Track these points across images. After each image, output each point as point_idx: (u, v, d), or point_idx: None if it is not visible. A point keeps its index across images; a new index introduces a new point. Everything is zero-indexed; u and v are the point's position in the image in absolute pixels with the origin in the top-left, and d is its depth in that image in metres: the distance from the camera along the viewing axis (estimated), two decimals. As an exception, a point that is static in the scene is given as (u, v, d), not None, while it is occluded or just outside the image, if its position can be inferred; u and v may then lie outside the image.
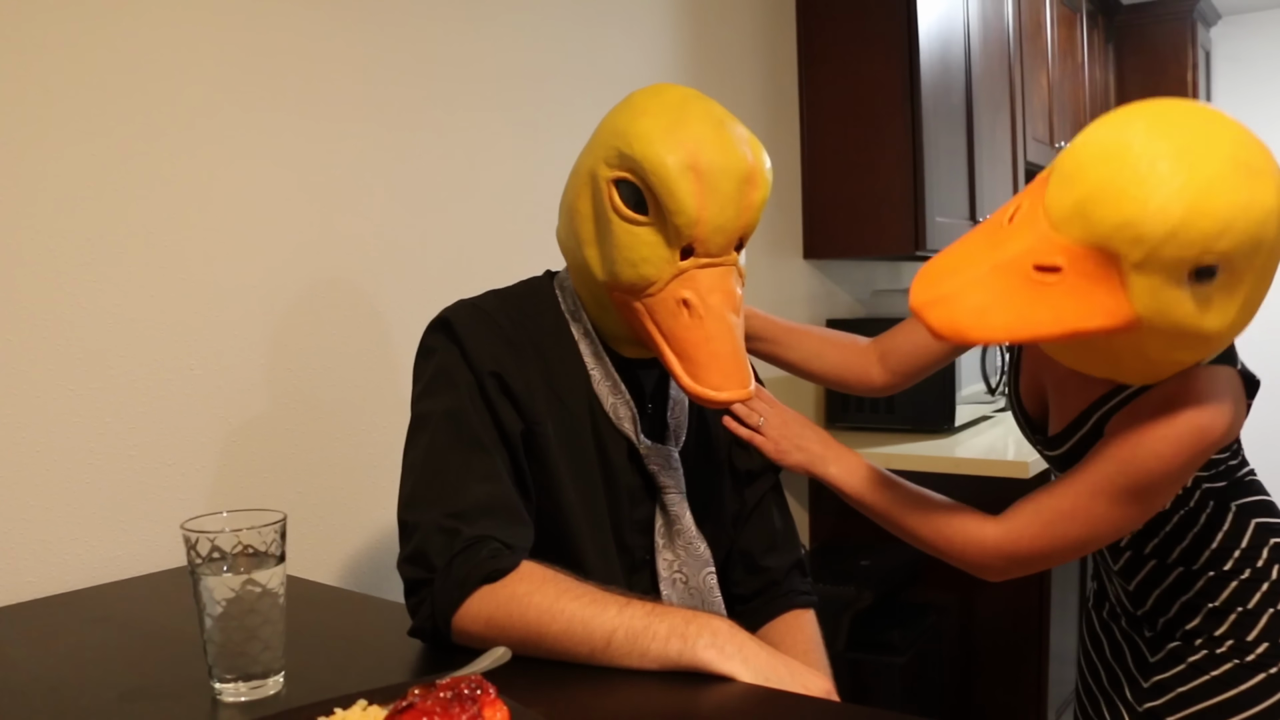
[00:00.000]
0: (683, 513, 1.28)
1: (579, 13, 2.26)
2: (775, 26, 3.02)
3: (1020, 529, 1.28)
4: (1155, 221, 1.02)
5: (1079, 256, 1.06)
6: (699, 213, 1.13)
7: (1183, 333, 1.09)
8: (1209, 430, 1.17)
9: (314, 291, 1.70)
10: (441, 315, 1.24)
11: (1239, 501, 1.34)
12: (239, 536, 0.95)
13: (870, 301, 3.46)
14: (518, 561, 1.07)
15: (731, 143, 1.15)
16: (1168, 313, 1.07)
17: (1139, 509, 1.22)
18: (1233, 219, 1.02)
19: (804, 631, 1.36)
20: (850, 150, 3.05)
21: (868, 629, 2.54)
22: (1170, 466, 1.18)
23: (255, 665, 0.96)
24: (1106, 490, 1.22)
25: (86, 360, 1.41)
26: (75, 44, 1.40)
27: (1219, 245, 1.02)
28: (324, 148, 1.72)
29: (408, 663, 1.09)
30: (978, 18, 3.31)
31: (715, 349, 1.16)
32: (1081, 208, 1.06)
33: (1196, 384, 1.19)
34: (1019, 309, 1.08)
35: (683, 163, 1.12)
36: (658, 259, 1.16)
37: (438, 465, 1.15)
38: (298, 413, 1.69)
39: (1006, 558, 1.29)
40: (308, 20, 1.69)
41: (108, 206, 1.43)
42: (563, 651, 1.01)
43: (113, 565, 1.44)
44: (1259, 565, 1.32)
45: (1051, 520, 1.26)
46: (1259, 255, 1.06)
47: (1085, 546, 1.26)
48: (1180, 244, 1.02)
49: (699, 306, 1.16)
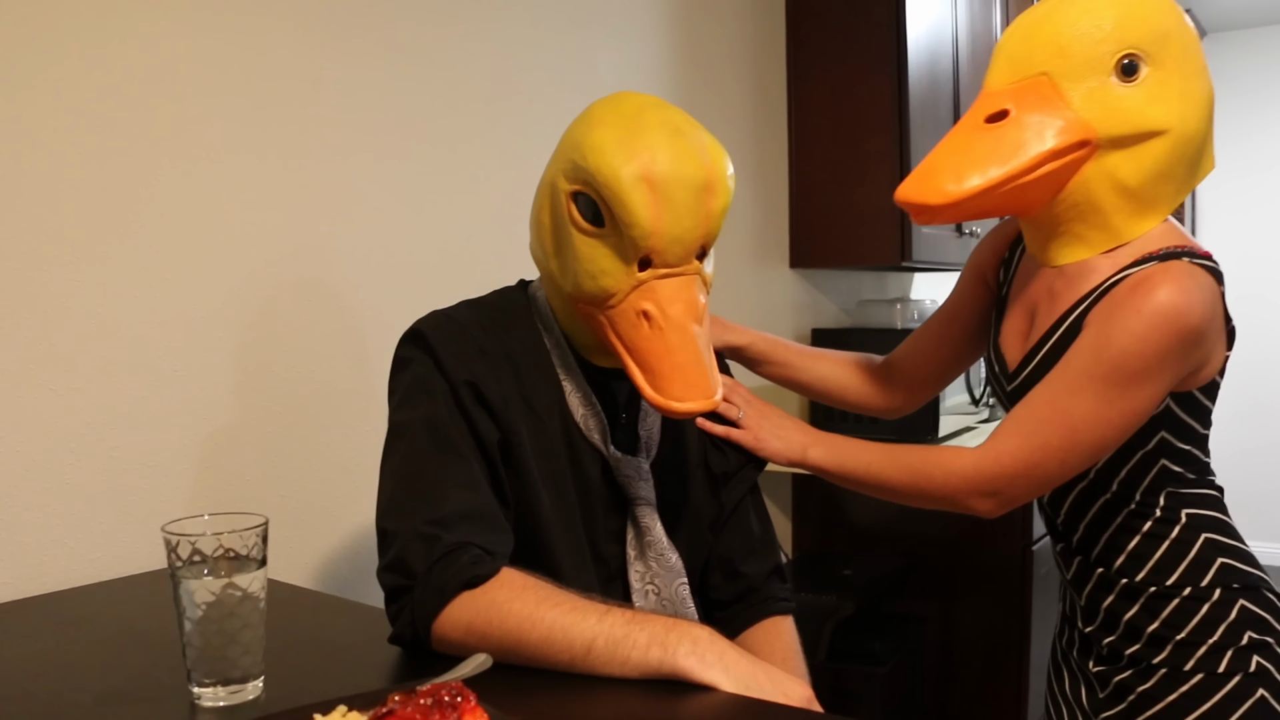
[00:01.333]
0: (653, 524, 1.28)
1: (568, 23, 2.26)
2: (764, 37, 3.03)
3: (999, 447, 1.24)
4: (1068, 29, 1.20)
5: (1019, 93, 1.22)
6: (654, 224, 1.12)
7: (1138, 132, 1.19)
8: (1182, 309, 1.15)
9: (296, 295, 1.70)
10: (414, 327, 1.23)
11: (1191, 511, 1.29)
12: (220, 540, 0.95)
13: (856, 311, 3.47)
14: (498, 568, 1.07)
15: (688, 151, 1.14)
16: (1113, 112, 1.19)
17: (1118, 404, 1.18)
18: (1132, 11, 1.20)
19: (782, 638, 1.35)
20: (838, 160, 3.06)
21: (849, 639, 2.54)
22: (1144, 346, 1.16)
23: (234, 669, 0.96)
24: (1082, 384, 1.19)
25: (67, 361, 1.41)
26: (56, 49, 1.39)
27: (1129, 36, 1.19)
28: (308, 152, 1.71)
29: (388, 668, 1.09)
30: (966, 29, 3.32)
31: (677, 360, 1.14)
32: (1006, 54, 1.24)
33: (1171, 267, 1.18)
34: (986, 156, 1.20)
35: (635, 174, 1.11)
36: (616, 271, 1.15)
37: (415, 473, 1.15)
38: (280, 416, 1.68)
39: (989, 481, 1.24)
40: (293, 28, 1.69)
41: (89, 207, 1.43)
42: (543, 659, 1.01)
43: (92, 567, 1.43)
44: (1202, 584, 1.26)
45: (1031, 430, 1.22)
46: (1171, 45, 1.20)
47: (1072, 455, 1.21)
48: (1094, 41, 1.19)
49: (659, 318, 1.15)
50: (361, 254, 1.80)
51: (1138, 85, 1.20)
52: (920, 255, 2.99)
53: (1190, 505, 1.29)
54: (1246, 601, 1.26)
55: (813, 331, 3.20)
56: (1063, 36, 1.20)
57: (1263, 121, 5.57)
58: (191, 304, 1.55)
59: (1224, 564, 1.27)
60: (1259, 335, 5.59)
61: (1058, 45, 1.20)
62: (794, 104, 3.12)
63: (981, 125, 1.23)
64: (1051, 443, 1.21)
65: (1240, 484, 5.46)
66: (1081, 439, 1.20)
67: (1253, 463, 5.56)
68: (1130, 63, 1.19)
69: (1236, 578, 1.27)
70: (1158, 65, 1.20)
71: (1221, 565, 1.27)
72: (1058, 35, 1.20)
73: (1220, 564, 1.27)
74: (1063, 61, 1.20)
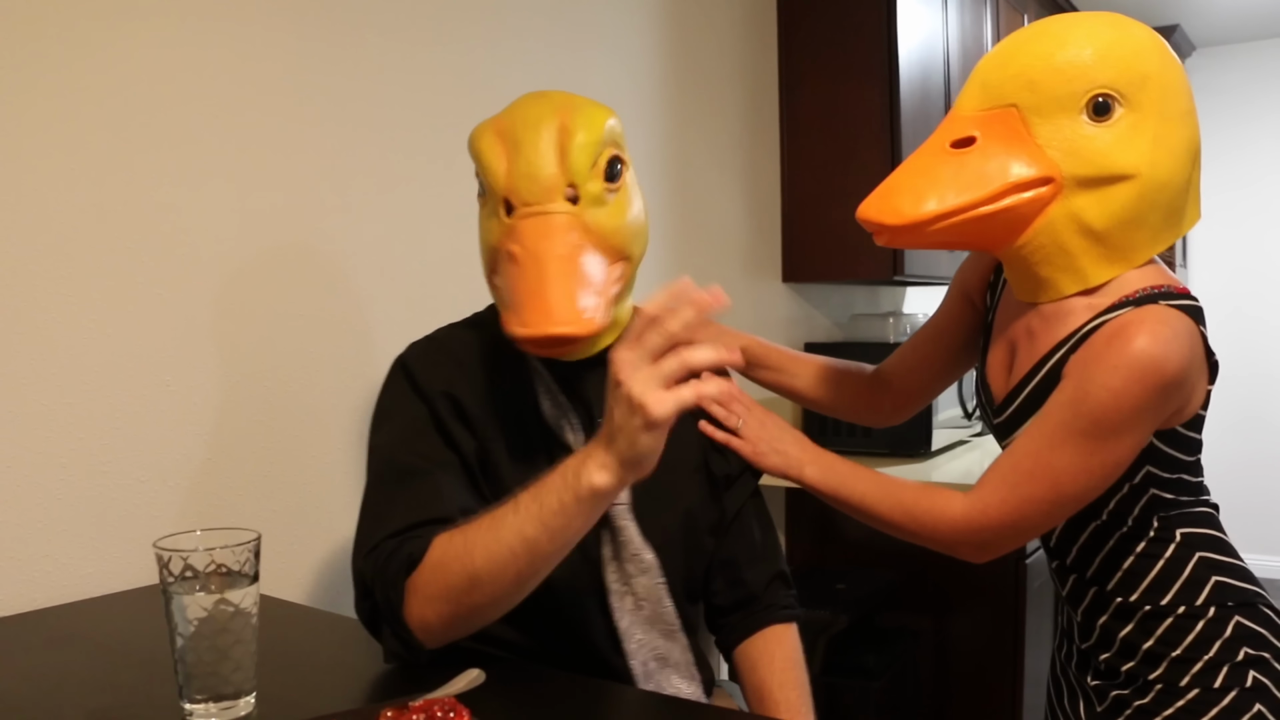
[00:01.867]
0: (626, 524, 1.27)
1: (562, 36, 2.27)
2: (757, 52, 3.04)
3: (985, 500, 1.24)
4: (1040, 63, 1.18)
5: (987, 122, 1.20)
6: (503, 166, 1.18)
7: (1102, 175, 1.17)
8: (1160, 362, 1.13)
9: (289, 309, 1.70)
10: (399, 355, 1.29)
11: (1185, 530, 1.28)
12: (212, 555, 0.95)
13: (848, 325, 3.48)
14: (429, 541, 1.08)
15: (538, 101, 1.22)
16: (1078, 151, 1.17)
17: (1099, 455, 1.18)
18: (1108, 50, 1.17)
19: (783, 647, 1.35)
20: (830, 175, 3.07)
21: (843, 653, 2.54)
22: (1122, 400, 1.14)
23: (227, 686, 0.95)
24: (1062, 438, 1.18)
25: (60, 375, 1.40)
26: (50, 60, 1.39)
27: (1102, 75, 1.16)
28: (301, 166, 1.71)
29: (381, 684, 1.08)
30: (957, 43, 3.34)
31: (529, 288, 1.13)
32: (979, 80, 1.22)
33: (1148, 315, 1.16)
34: (947, 182, 1.19)
35: (491, 132, 1.20)
36: (492, 226, 1.21)
37: (373, 507, 1.19)
38: (272, 430, 1.68)
39: (977, 532, 1.25)
40: (288, 39, 1.69)
41: (84, 221, 1.42)
42: (504, 576, 1.02)
43: (83, 583, 1.43)
44: (1197, 603, 1.25)
45: (1015, 484, 1.22)
46: (1149, 87, 1.18)
47: (1056, 507, 1.22)
48: (1065, 78, 1.16)
49: (519, 253, 1.15)
50: (356, 269, 1.80)
51: (1108, 126, 1.17)
52: (913, 270, 3.00)
53: (1184, 524, 1.29)
54: (1242, 618, 1.26)
55: (805, 345, 3.21)
56: (1035, 70, 1.18)
57: (1251, 135, 5.60)
58: (183, 318, 1.55)
59: (1218, 582, 1.27)
60: (1250, 348, 5.61)
61: (1029, 78, 1.18)
62: (786, 118, 3.13)
63: (947, 149, 1.21)
64: (1036, 495, 1.21)
65: (1233, 497, 5.47)
66: (1065, 491, 1.20)
67: (1245, 476, 5.57)
68: (1103, 102, 1.17)
69: (1231, 595, 1.26)
70: (1133, 107, 1.18)
71: (1216, 584, 1.26)
72: (1030, 68, 1.18)
73: (1215, 582, 1.26)
74: (1033, 96, 1.18)
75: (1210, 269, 5.68)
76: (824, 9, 3.06)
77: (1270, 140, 5.56)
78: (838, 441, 3.13)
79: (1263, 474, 5.56)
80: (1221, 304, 5.66)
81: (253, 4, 1.63)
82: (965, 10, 3.43)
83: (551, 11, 2.24)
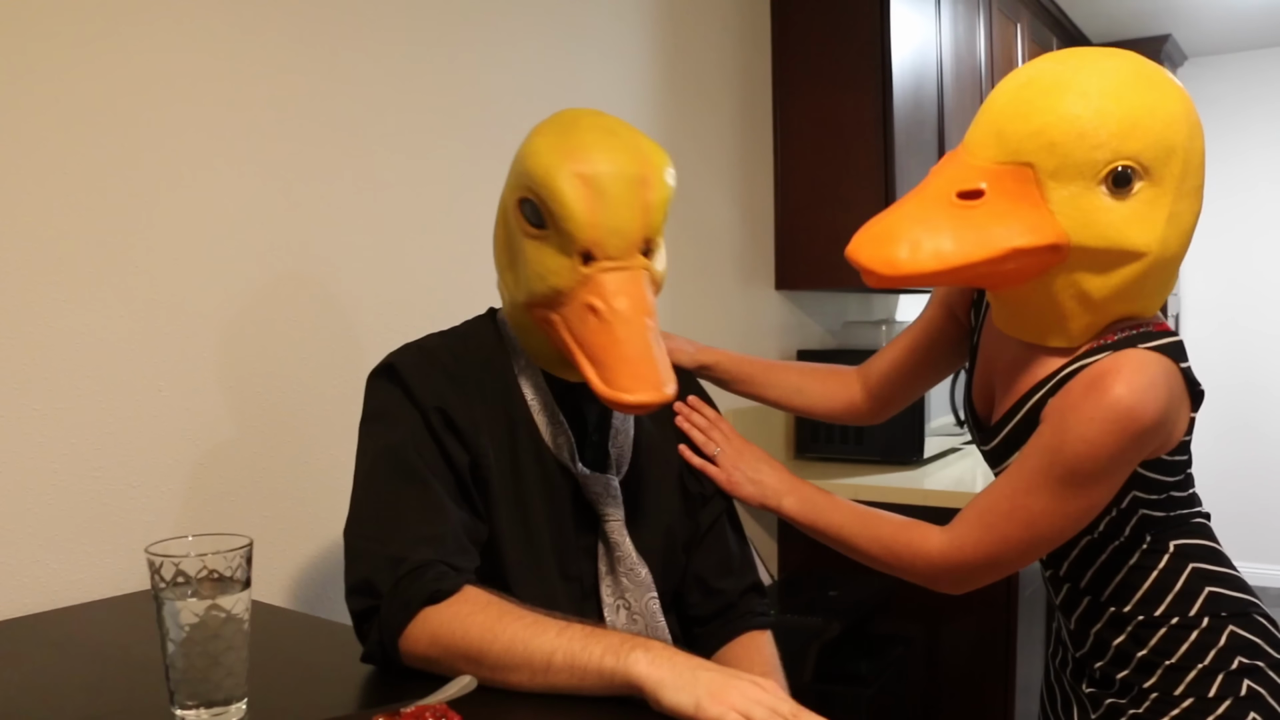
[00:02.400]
0: (622, 540, 1.28)
1: (556, 44, 2.27)
2: (750, 59, 3.05)
3: (962, 538, 1.25)
4: (1064, 125, 1.09)
5: (998, 177, 1.12)
6: (589, 216, 1.15)
7: (1112, 250, 1.12)
8: (1136, 412, 1.12)
9: (283, 315, 1.70)
10: (386, 360, 1.26)
11: (1178, 542, 1.28)
12: (204, 561, 0.94)
13: (841, 333, 3.48)
14: (461, 584, 1.08)
15: (620, 147, 1.18)
16: (1091, 224, 1.11)
17: (1075, 502, 1.18)
18: (1138, 119, 1.09)
19: (761, 653, 1.36)
20: (823, 183, 3.07)
21: (835, 660, 2.54)
22: (1098, 450, 1.13)
23: (218, 692, 0.95)
24: (1039, 484, 1.18)
25: (52, 380, 1.40)
26: (44, 66, 1.39)
27: (1128, 146, 1.09)
28: (296, 171, 1.72)
29: (372, 691, 1.08)
30: (950, 52, 3.35)
31: (624, 352, 1.15)
32: (995, 127, 1.13)
33: (1126, 362, 1.14)
34: (947, 235, 1.12)
35: (569, 170, 1.15)
36: (561, 268, 1.17)
37: (380, 501, 1.17)
38: (266, 436, 1.67)
39: (954, 569, 1.27)
40: (283, 46, 1.69)
41: (76, 226, 1.42)
42: (504, 672, 1.01)
43: (75, 588, 1.42)
44: (1190, 614, 1.25)
45: (992, 524, 1.23)
46: (1174, 162, 1.11)
47: (1032, 547, 1.22)
48: (1089, 145, 1.08)
49: (605, 310, 1.16)
50: (350, 274, 1.80)
51: (1127, 200, 1.11)
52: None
53: (1177, 536, 1.28)
54: (1236, 628, 1.26)
55: (798, 353, 3.21)
56: (1058, 131, 1.09)
57: (1241, 145, 5.63)
58: (176, 323, 1.54)
59: (1212, 592, 1.26)
60: (1241, 357, 5.63)
61: (1050, 139, 1.10)
62: (779, 126, 3.14)
63: (952, 200, 1.14)
64: (1011, 536, 1.22)
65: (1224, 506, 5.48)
66: (1040, 533, 1.21)
67: (1236, 485, 5.58)
68: (1124, 173, 1.10)
69: (1225, 605, 1.26)
70: (1154, 182, 1.11)
71: (1209, 594, 1.26)
72: (1053, 127, 1.10)
73: (1208, 593, 1.26)
74: (1051, 159, 1.10)
75: (1201, 278, 5.70)
76: (817, 17, 3.07)
77: (1261, 150, 5.58)
78: (829, 450, 3.13)
79: (1253, 483, 5.58)
80: (1212, 314, 5.68)
81: (242, 13, 1.63)
82: (958, 19, 3.44)
83: (545, 16, 2.24)
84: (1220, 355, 5.65)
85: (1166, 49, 5.09)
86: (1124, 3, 4.64)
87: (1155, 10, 4.77)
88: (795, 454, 3.20)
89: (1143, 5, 4.69)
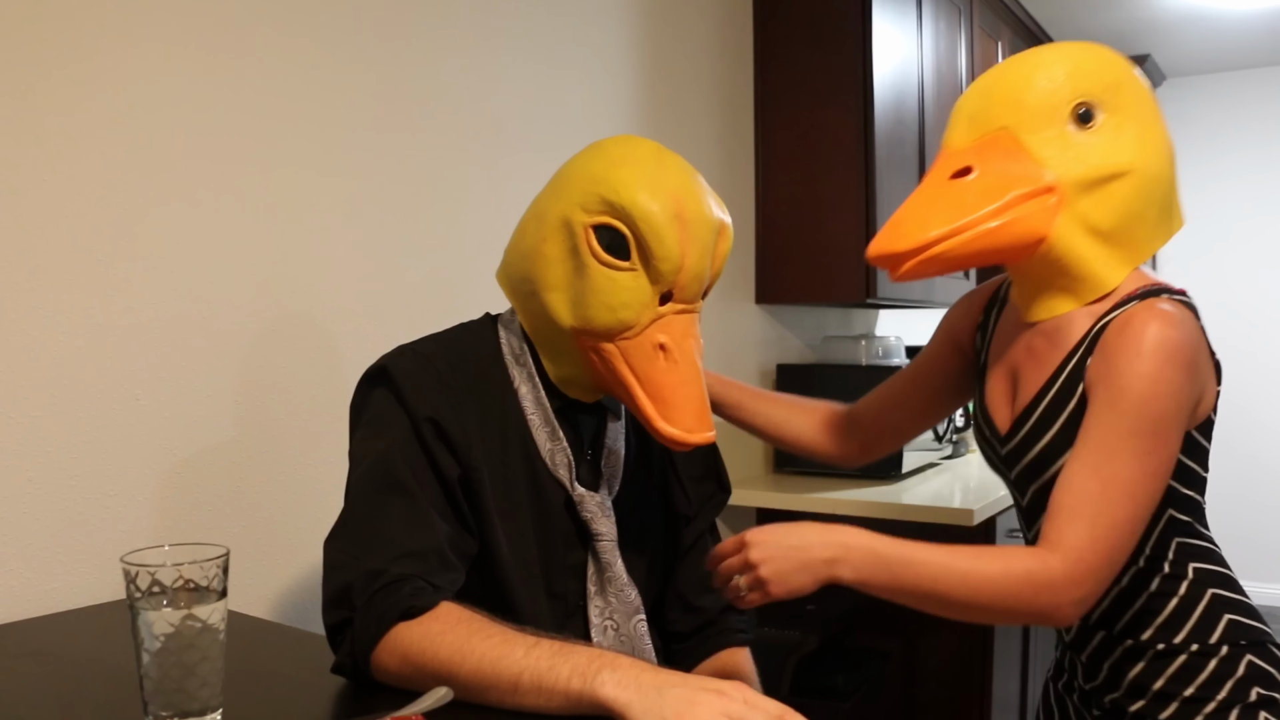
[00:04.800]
0: (614, 560, 1.28)
1: (539, 55, 2.28)
2: (732, 74, 3.06)
3: (1076, 543, 1.13)
4: (1022, 83, 1.24)
5: (981, 150, 1.25)
6: (683, 260, 1.18)
7: (1100, 174, 1.22)
8: (1179, 341, 1.16)
9: (263, 325, 1.69)
10: (379, 362, 1.24)
11: (1197, 565, 1.28)
12: (180, 570, 0.94)
13: (821, 347, 3.49)
14: (437, 600, 1.07)
15: (706, 195, 1.22)
16: (1073, 158, 1.22)
17: (1156, 454, 1.15)
18: (1080, 62, 1.24)
19: (740, 669, 1.36)
20: (804, 197, 3.08)
21: (812, 674, 2.54)
22: (1158, 385, 1.14)
23: (193, 702, 0.94)
24: (1117, 448, 1.14)
25: (29, 388, 1.39)
26: (32, 75, 1.39)
27: (1081, 85, 1.23)
28: (279, 184, 1.71)
29: (348, 702, 1.08)
30: (931, 68, 3.37)
31: (689, 393, 1.20)
32: (965, 114, 1.27)
33: (1150, 305, 1.20)
34: (951, 205, 1.22)
35: (670, 211, 1.17)
36: (637, 304, 1.19)
37: (363, 511, 1.16)
38: (243, 446, 1.67)
39: (1081, 583, 1.13)
40: (268, 59, 1.69)
41: (54, 234, 1.42)
42: (474, 691, 1.01)
43: (48, 598, 1.41)
44: (1210, 641, 1.25)
45: (1095, 514, 1.13)
46: (1124, 91, 1.24)
47: (1139, 522, 1.15)
48: (1047, 92, 1.23)
49: (674, 351, 1.20)
50: (330, 284, 1.80)
51: (1095, 131, 1.23)
52: (885, 292, 3.02)
53: (1196, 559, 1.28)
54: (1254, 657, 1.25)
55: (778, 367, 3.22)
56: (1018, 90, 1.24)
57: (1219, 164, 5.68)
58: (154, 332, 1.54)
59: (1231, 620, 1.26)
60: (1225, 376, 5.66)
61: (1014, 99, 1.24)
62: (761, 140, 3.15)
63: (946, 181, 1.25)
64: (1119, 517, 1.13)
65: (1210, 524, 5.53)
66: (1140, 502, 1.15)
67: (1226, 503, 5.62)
68: (1086, 111, 1.23)
69: (1243, 634, 1.26)
70: (1113, 111, 1.24)
71: (1229, 622, 1.26)
72: (1014, 90, 1.24)
73: (1228, 620, 1.26)
74: (1020, 114, 1.23)
75: (1179, 295, 5.74)
76: (800, 32, 3.09)
77: (1238, 169, 5.64)
78: (808, 464, 3.13)
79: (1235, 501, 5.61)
80: (1190, 330, 5.72)
81: (229, 29, 1.63)
82: (940, 36, 3.46)
83: (528, 31, 2.25)
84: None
85: (1146, 69, 5.14)
86: (1104, 22, 4.68)
87: (1135, 30, 4.81)
88: (774, 468, 3.21)
89: (1122, 25, 4.73)
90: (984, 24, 3.89)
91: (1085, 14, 4.57)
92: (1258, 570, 5.59)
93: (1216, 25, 4.77)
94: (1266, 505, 5.57)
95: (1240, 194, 5.63)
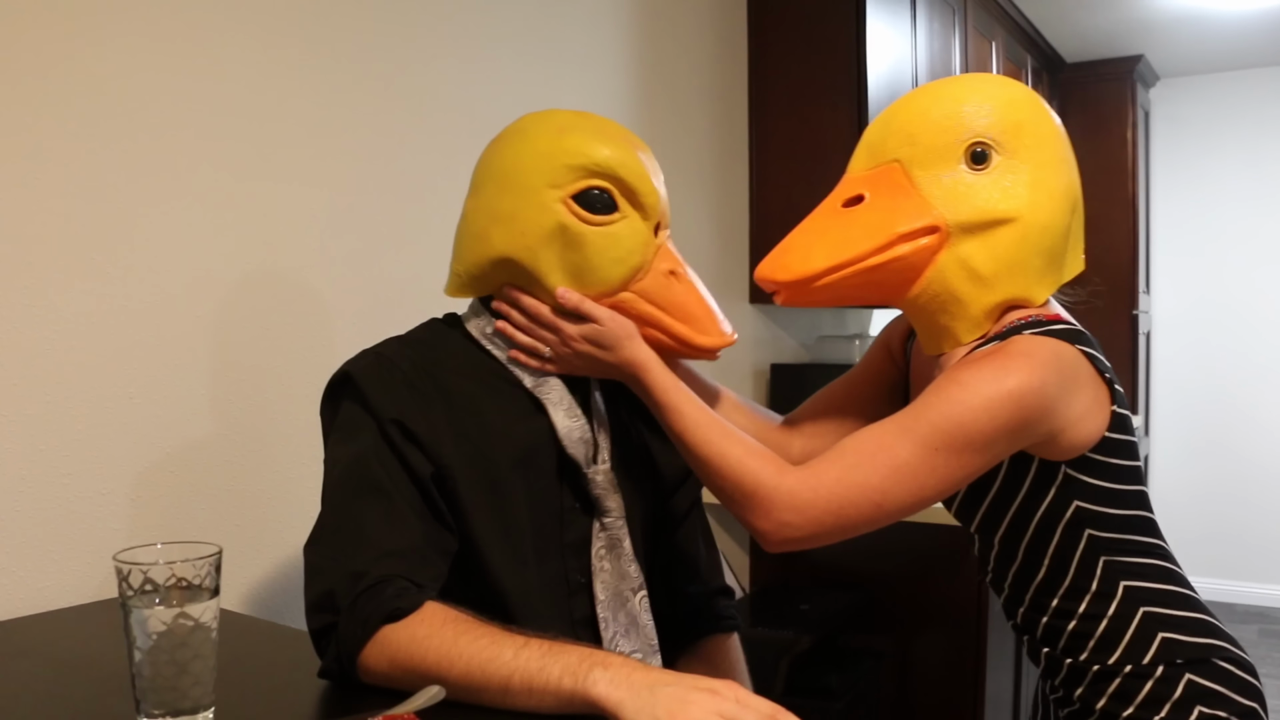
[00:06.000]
0: (623, 536, 1.28)
1: (534, 54, 2.28)
2: (727, 73, 3.06)
3: (816, 480, 1.16)
4: (918, 117, 1.23)
5: (873, 180, 1.25)
6: (658, 188, 1.27)
7: (985, 219, 1.20)
8: (1021, 391, 1.12)
9: (257, 323, 1.69)
10: (342, 369, 1.24)
11: (1128, 584, 1.23)
12: (172, 569, 0.94)
13: (815, 347, 3.50)
14: (421, 601, 1.07)
15: (627, 132, 1.30)
16: (960, 198, 1.20)
17: (943, 465, 1.14)
18: (980, 102, 1.22)
19: (728, 656, 1.36)
20: (798, 196, 3.08)
21: (805, 674, 2.54)
22: (988, 413, 1.12)
23: (185, 700, 0.94)
24: (911, 429, 1.15)
25: (21, 385, 1.39)
26: (18, 71, 1.38)
27: (976, 124, 1.21)
28: (271, 178, 1.71)
29: (340, 700, 1.08)
30: (925, 69, 3.38)
31: (705, 304, 1.30)
32: (865, 142, 1.28)
33: (1018, 343, 1.17)
34: (836, 238, 1.24)
35: (630, 151, 1.25)
36: (641, 245, 1.25)
37: (342, 515, 1.16)
38: (236, 445, 1.67)
39: (794, 512, 1.16)
40: (262, 55, 1.69)
41: (47, 231, 1.42)
42: (468, 694, 1.01)
43: (40, 596, 1.41)
44: (1144, 662, 1.21)
45: (852, 466, 1.16)
46: (1023, 135, 1.21)
47: (883, 505, 1.15)
48: (942, 129, 1.21)
49: (681, 271, 1.29)
50: (322, 281, 1.80)
51: (987, 173, 1.21)
52: (879, 292, 3.02)
53: (1129, 578, 1.24)
54: (1195, 676, 1.21)
55: (771, 367, 3.22)
56: (914, 125, 1.23)
57: (1212, 165, 5.68)
58: (145, 330, 1.54)
59: (1165, 639, 1.22)
60: (1211, 374, 5.68)
61: (909, 133, 1.23)
62: (755, 140, 3.15)
63: (838, 210, 1.27)
64: (870, 483, 1.15)
65: (1194, 524, 5.54)
66: (898, 486, 1.15)
67: (1205, 501, 5.63)
68: (980, 151, 1.21)
69: (1181, 652, 1.22)
70: (1010, 154, 1.21)
71: (1163, 640, 1.22)
72: (909, 123, 1.23)
73: (1161, 639, 1.22)
74: (913, 149, 1.22)
75: (1171, 296, 5.75)
76: (794, 32, 3.09)
77: (1231, 170, 5.64)
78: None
79: (1225, 500, 5.62)
80: (1183, 331, 5.73)
81: (223, 24, 1.63)
82: (934, 37, 3.47)
83: (523, 30, 2.25)
84: (1191, 372, 5.69)
85: (1139, 69, 5.15)
86: (1097, 23, 4.69)
87: (1129, 30, 4.82)
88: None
89: (1116, 25, 4.74)
90: (978, 25, 3.89)
91: (1079, 14, 4.58)
92: (1254, 571, 5.60)
93: (1210, 26, 4.78)
94: (1261, 505, 5.57)
95: (1234, 194, 5.64)
